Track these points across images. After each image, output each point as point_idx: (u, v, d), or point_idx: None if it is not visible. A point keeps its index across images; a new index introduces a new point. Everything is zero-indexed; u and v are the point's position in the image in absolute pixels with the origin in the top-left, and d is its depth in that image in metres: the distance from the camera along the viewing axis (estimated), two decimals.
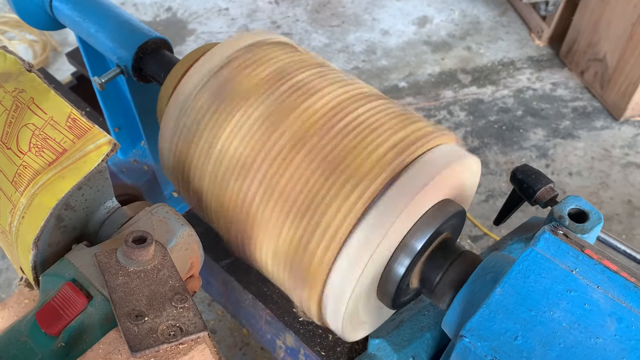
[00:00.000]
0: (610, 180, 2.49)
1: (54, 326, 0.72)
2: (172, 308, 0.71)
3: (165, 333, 0.68)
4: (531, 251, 0.75)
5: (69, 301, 0.73)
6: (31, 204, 0.78)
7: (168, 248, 0.82)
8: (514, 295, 0.72)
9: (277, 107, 0.89)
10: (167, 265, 0.76)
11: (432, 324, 1.03)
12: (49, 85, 0.82)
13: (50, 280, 0.78)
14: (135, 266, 0.75)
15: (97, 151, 0.77)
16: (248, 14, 3.16)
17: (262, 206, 0.88)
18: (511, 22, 3.15)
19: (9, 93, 0.83)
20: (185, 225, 0.85)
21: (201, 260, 0.91)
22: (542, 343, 0.69)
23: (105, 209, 0.87)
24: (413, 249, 0.84)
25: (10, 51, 0.87)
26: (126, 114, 1.39)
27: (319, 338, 1.15)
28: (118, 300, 0.71)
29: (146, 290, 0.73)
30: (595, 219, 0.97)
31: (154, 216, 0.85)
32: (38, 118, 0.80)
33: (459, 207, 0.89)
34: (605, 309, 0.70)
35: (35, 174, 0.78)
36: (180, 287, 0.73)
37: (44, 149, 0.78)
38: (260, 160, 0.87)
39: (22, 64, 0.85)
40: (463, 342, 0.70)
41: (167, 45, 1.18)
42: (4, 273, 2.11)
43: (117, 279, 0.73)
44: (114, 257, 0.76)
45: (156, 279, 0.74)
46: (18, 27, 2.88)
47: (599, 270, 0.73)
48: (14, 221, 0.80)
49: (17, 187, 0.79)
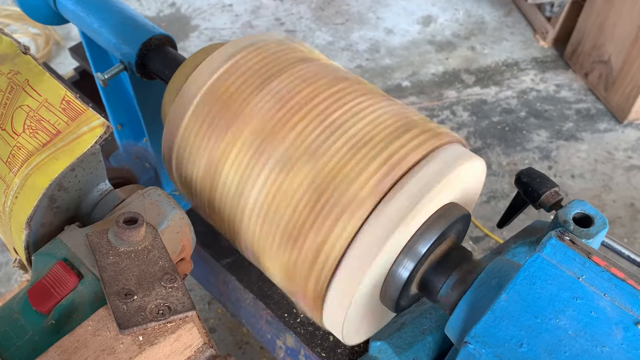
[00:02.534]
0: (613, 183, 2.48)
1: (45, 304, 0.73)
2: (161, 287, 0.72)
3: (154, 311, 0.69)
4: (537, 257, 0.74)
5: (60, 280, 0.74)
6: (25, 185, 0.78)
7: (159, 230, 0.83)
8: (520, 301, 0.71)
9: (267, 124, 0.89)
10: (158, 246, 0.77)
11: (434, 327, 1.02)
12: (44, 68, 0.82)
13: (42, 259, 0.79)
14: (126, 247, 0.76)
15: (91, 133, 0.77)
16: (252, 11, 3.14)
17: (259, 228, 0.89)
18: (516, 23, 3.14)
19: (4, 75, 0.84)
20: (177, 208, 0.86)
21: (193, 244, 0.92)
22: (547, 351, 0.68)
23: (98, 191, 0.88)
24: (417, 253, 0.83)
25: (6, 33, 0.87)
26: (129, 111, 1.39)
27: (320, 339, 1.15)
28: (108, 279, 0.72)
29: (136, 270, 0.74)
30: (600, 224, 0.96)
31: (146, 199, 0.86)
32: (32, 100, 0.81)
33: (464, 210, 0.88)
34: (612, 317, 0.69)
35: (29, 155, 0.79)
36: (170, 268, 0.74)
37: (38, 131, 0.79)
38: (253, 180, 0.88)
39: (18, 46, 0.85)
40: (467, 349, 0.69)
41: (170, 42, 1.17)
42: (3, 267, 2.10)
43: (108, 258, 0.74)
44: (105, 237, 0.77)
45: (146, 260, 0.75)
46: (21, 20, 2.87)
47: (606, 278, 0.72)
48: (7, 201, 0.81)
49: (10, 167, 0.80)
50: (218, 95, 0.93)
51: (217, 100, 0.93)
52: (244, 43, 0.99)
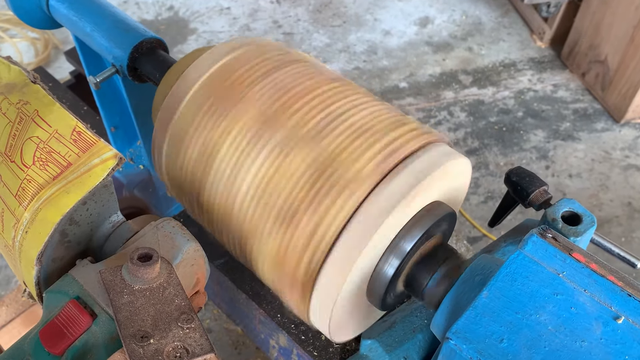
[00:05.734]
0: (610, 182, 2.49)
1: (58, 345, 0.71)
2: (178, 328, 0.70)
3: (171, 355, 0.67)
4: (519, 254, 0.75)
5: (72, 319, 0.72)
6: (35, 219, 0.76)
7: (174, 264, 0.80)
8: (501, 298, 0.72)
9: (267, 110, 0.90)
10: (173, 283, 0.75)
11: (424, 325, 1.03)
12: (54, 98, 0.80)
13: (54, 297, 0.77)
14: (141, 284, 0.74)
15: (103, 165, 0.75)
16: (250, 14, 3.16)
17: (251, 211, 0.88)
18: (513, 23, 3.15)
19: (13, 105, 0.81)
20: (192, 240, 0.84)
21: (207, 275, 0.90)
22: (527, 346, 0.68)
23: (110, 224, 0.85)
24: (402, 251, 0.84)
25: (14, 62, 0.86)
26: (122, 114, 1.40)
27: (312, 338, 1.15)
28: (123, 320, 0.70)
29: (152, 310, 0.71)
30: (589, 222, 0.96)
31: (159, 231, 0.83)
32: (42, 131, 0.78)
33: (449, 209, 0.89)
34: (592, 313, 0.70)
35: (39, 188, 0.76)
36: (186, 307, 0.72)
37: (49, 163, 0.77)
38: (249, 163, 0.88)
39: (27, 75, 0.83)
40: (449, 345, 0.70)
41: (162, 45, 1.18)
42: (2, 270, 2.11)
43: (122, 297, 0.72)
44: (119, 274, 0.74)
45: (162, 298, 0.73)
46: (20, 24, 2.89)
47: (586, 274, 0.73)
48: (17, 236, 0.79)
49: (20, 201, 0.78)
50: (218, 83, 0.94)
51: (217, 88, 0.94)
52: (246, 40, 1.02)
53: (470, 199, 2.41)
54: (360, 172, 0.82)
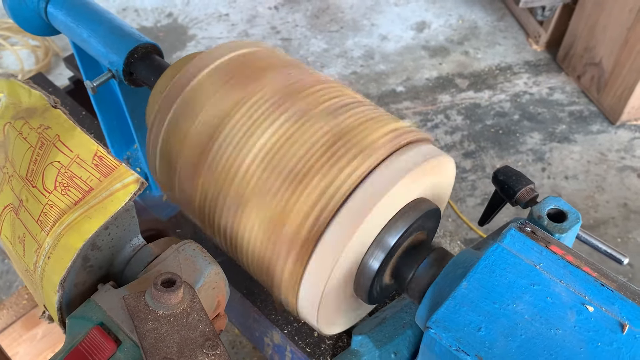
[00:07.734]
0: (606, 183, 2.51)
1: None
2: (204, 355, 0.70)
3: None
4: (497, 247, 0.78)
5: (97, 346, 0.72)
6: (57, 244, 0.76)
7: (196, 288, 0.81)
8: (480, 288, 0.75)
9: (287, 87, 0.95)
10: (196, 308, 0.75)
11: (413, 321, 1.05)
12: (75, 122, 0.80)
13: (77, 323, 0.76)
14: (165, 310, 0.73)
15: (124, 190, 0.75)
16: (248, 20, 3.19)
17: (259, 172, 0.89)
18: (509, 27, 3.18)
19: (34, 129, 0.82)
20: (213, 263, 0.85)
21: (227, 297, 0.90)
22: (504, 334, 0.71)
23: (131, 247, 0.86)
24: (387, 245, 0.86)
25: (35, 87, 0.86)
26: (119, 118, 1.43)
27: (305, 335, 1.18)
28: (149, 348, 0.69)
29: (176, 336, 0.71)
30: (574, 219, 0.99)
31: (180, 254, 0.84)
32: (64, 156, 0.78)
33: (433, 205, 0.91)
34: (567, 302, 0.72)
35: (61, 213, 0.76)
36: (211, 332, 0.73)
37: (70, 188, 0.77)
38: (260, 133, 0.90)
39: (48, 100, 0.84)
40: (429, 333, 0.73)
41: (157, 50, 1.21)
42: (4, 275, 2.14)
43: (147, 324, 0.72)
44: (142, 300, 0.74)
45: (186, 324, 0.73)
46: (21, 32, 2.93)
47: (562, 265, 0.75)
48: (39, 261, 0.79)
49: (42, 226, 0.78)
50: (240, 62, 0.99)
51: (239, 65, 0.99)
52: (252, 41, 1.07)
53: (466, 201, 2.44)
54: (377, 141, 0.87)
